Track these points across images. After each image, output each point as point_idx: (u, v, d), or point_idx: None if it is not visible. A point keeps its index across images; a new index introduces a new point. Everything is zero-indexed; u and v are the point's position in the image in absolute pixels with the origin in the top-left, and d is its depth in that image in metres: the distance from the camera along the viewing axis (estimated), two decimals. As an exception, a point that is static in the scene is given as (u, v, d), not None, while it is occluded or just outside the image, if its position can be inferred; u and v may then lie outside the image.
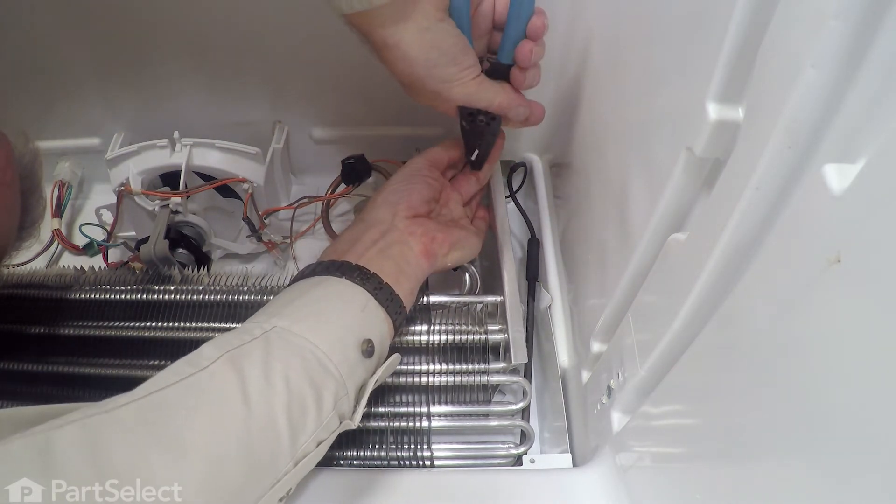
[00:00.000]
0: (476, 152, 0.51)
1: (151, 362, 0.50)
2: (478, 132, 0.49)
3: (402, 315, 0.43)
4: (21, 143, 0.43)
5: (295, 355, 0.35)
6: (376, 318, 0.40)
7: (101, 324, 0.51)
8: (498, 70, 0.45)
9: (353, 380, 0.37)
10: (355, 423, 0.37)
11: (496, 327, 0.48)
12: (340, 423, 0.36)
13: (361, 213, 0.48)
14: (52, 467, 0.26)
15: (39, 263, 0.63)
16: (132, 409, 0.30)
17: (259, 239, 0.60)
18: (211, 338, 0.50)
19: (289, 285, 0.42)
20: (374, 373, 0.39)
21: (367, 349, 0.38)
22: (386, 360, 0.41)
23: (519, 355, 0.46)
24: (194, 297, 0.51)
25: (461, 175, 0.53)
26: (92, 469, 0.26)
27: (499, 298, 0.49)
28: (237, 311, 0.51)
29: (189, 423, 0.30)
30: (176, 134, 0.56)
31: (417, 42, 0.40)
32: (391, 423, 0.45)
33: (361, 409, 0.37)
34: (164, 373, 0.32)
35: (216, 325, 0.50)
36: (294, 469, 0.33)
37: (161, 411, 0.30)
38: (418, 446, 0.45)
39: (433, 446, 0.45)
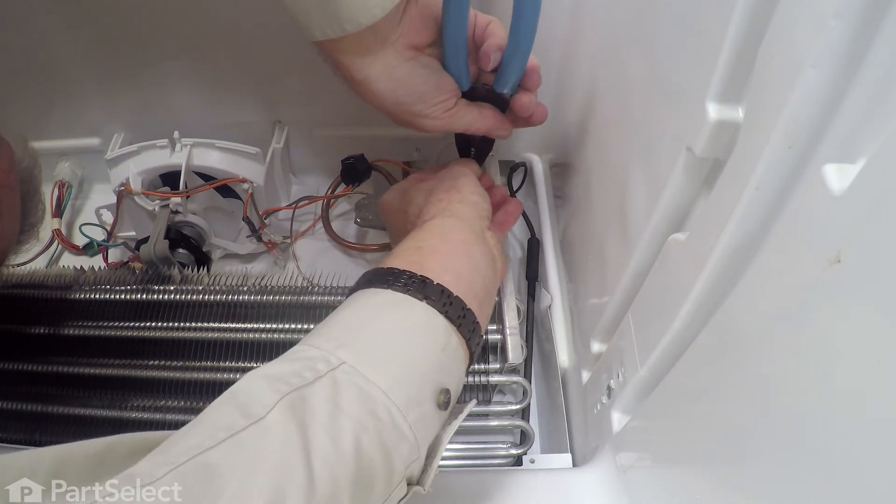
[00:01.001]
0: (472, 150, 0.51)
1: (151, 362, 0.50)
2: (468, 142, 0.49)
3: (479, 347, 0.36)
4: (20, 147, 0.42)
5: (368, 413, 0.28)
6: (456, 358, 0.34)
7: (101, 324, 0.51)
8: (493, 97, 0.44)
9: (426, 438, 0.31)
10: (426, 486, 0.31)
11: (494, 327, 0.48)
12: (409, 489, 0.31)
13: (428, 213, 0.41)
14: None
15: (39, 263, 0.64)
16: (173, 482, 0.23)
17: (259, 239, 0.60)
18: (212, 338, 0.51)
19: (356, 287, 0.36)
20: (448, 424, 0.33)
21: (445, 401, 0.32)
22: (462, 409, 0.35)
23: (514, 355, 0.46)
24: (194, 297, 0.51)
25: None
26: None
27: (497, 298, 0.49)
28: (237, 311, 0.51)
29: (246, 499, 0.24)
30: (176, 134, 0.56)
31: (385, 79, 0.39)
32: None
33: (433, 472, 0.31)
34: (209, 421, 0.26)
35: (216, 324, 0.50)
36: None
37: (207, 483, 0.24)
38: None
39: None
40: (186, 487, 0.23)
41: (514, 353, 0.46)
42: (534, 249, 0.57)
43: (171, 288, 0.52)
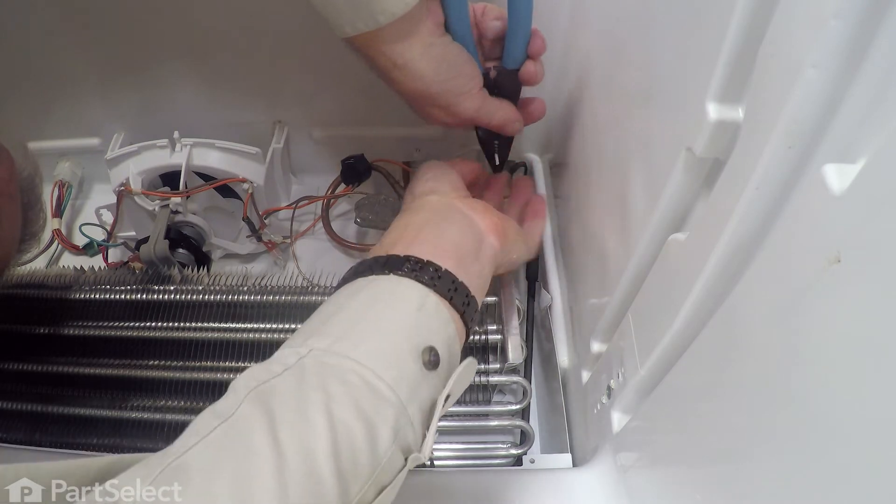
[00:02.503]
0: (497, 156, 0.51)
1: (151, 362, 0.50)
2: (494, 135, 0.50)
3: (471, 306, 0.35)
4: (20, 155, 0.42)
5: (337, 381, 0.27)
6: (438, 316, 0.32)
7: (101, 324, 0.51)
8: (504, 76, 0.45)
9: (417, 402, 0.29)
10: (425, 455, 0.29)
11: (495, 327, 0.48)
12: (406, 458, 0.29)
13: (405, 204, 0.44)
14: None
15: (39, 263, 0.63)
16: (162, 480, 0.24)
17: (259, 239, 0.60)
18: (212, 338, 0.51)
19: (336, 289, 0.36)
20: (444, 387, 0.31)
21: (431, 359, 0.30)
22: (459, 366, 0.33)
23: (515, 355, 0.46)
24: (194, 297, 0.51)
25: (488, 189, 0.53)
26: None
27: (495, 298, 0.49)
28: (237, 311, 0.51)
29: (206, 492, 0.23)
30: (176, 134, 0.56)
31: (426, 58, 0.39)
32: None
33: (433, 438, 0.30)
34: (192, 427, 0.26)
35: (216, 324, 0.50)
36: None
37: (180, 484, 0.24)
38: (418, 446, 0.45)
39: (433, 446, 0.45)
40: (161, 490, 0.23)
41: (514, 353, 0.46)
42: (534, 249, 0.57)
43: (171, 288, 0.52)
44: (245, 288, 0.52)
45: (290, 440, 0.25)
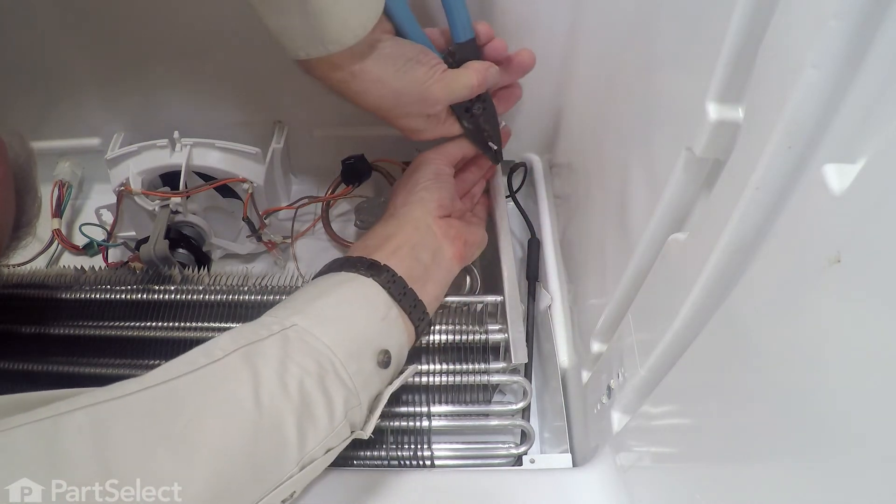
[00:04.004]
0: (490, 142, 0.51)
1: (151, 362, 0.50)
2: (481, 122, 0.49)
3: (424, 321, 0.42)
4: (17, 143, 0.43)
5: (312, 360, 0.34)
6: (396, 326, 0.40)
7: (101, 324, 0.51)
8: (463, 50, 0.46)
9: (367, 391, 0.37)
10: (367, 433, 0.37)
11: (496, 327, 0.48)
12: (352, 432, 0.36)
13: (391, 209, 0.47)
14: (57, 462, 0.26)
15: (39, 263, 0.63)
16: (142, 399, 0.29)
17: (259, 239, 0.60)
18: (212, 339, 0.50)
19: (315, 277, 0.42)
20: (389, 382, 0.39)
21: (384, 360, 0.37)
22: (403, 370, 0.40)
23: (519, 355, 0.46)
24: (194, 297, 0.51)
25: (462, 170, 0.54)
26: (97, 464, 0.26)
27: (499, 298, 0.49)
28: (237, 311, 0.51)
29: (198, 421, 0.30)
30: (176, 134, 0.56)
31: (379, 60, 0.41)
32: (391, 423, 0.45)
33: (374, 420, 0.37)
34: (178, 361, 0.32)
35: (216, 324, 0.50)
36: (300, 473, 0.32)
37: (170, 404, 0.30)
38: (418, 446, 0.45)
39: (433, 446, 0.45)
40: (155, 406, 0.29)
41: (519, 354, 0.46)
42: (534, 249, 0.57)
43: (172, 288, 0.52)
44: (245, 288, 0.52)
45: (268, 398, 0.32)
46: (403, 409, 0.46)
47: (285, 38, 0.39)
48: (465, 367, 0.47)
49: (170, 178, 0.58)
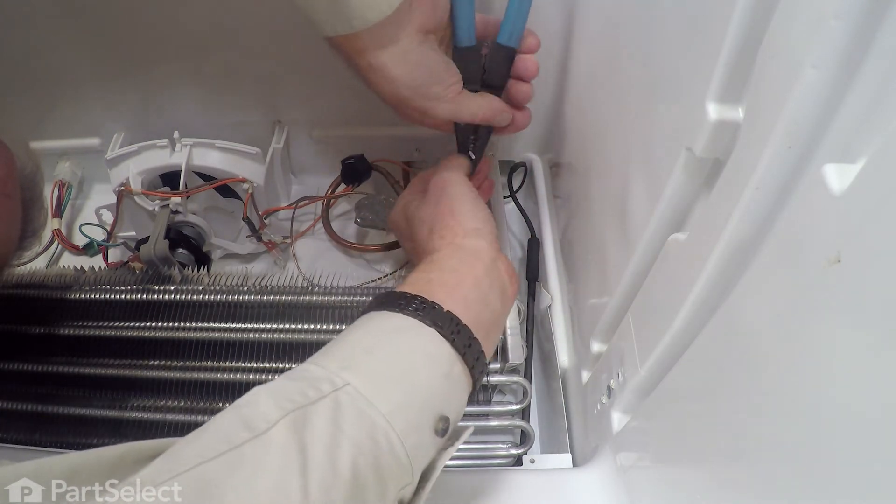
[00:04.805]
0: (472, 149, 0.50)
1: (151, 362, 0.50)
2: (472, 128, 0.49)
3: (482, 376, 0.36)
4: (22, 153, 0.42)
5: (367, 437, 0.29)
6: (459, 387, 0.34)
7: (101, 324, 0.51)
8: (498, 53, 0.45)
9: (421, 463, 0.32)
10: None
11: (496, 327, 0.48)
12: None
13: (460, 238, 0.40)
14: None
15: (39, 263, 0.63)
16: (179, 489, 0.24)
17: (259, 239, 0.60)
18: (212, 338, 0.50)
19: (368, 310, 0.36)
20: (444, 449, 0.33)
21: (443, 428, 0.32)
22: (459, 430, 0.35)
23: (514, 355, 0.46)
24: (194, 297, 0.51)
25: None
26: None
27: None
28: (237, 311, 0.51)
29: None
30: (176, 134, 0.56)
31: (401, 63, 0.40)
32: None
33: (425, 496, 0.32)
34: (212, 433, 0.27)
35: (216, 324, 0.50)
36: None
37: (207, 496, 0.25)
38: (418, 446, 0.44)
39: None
40: (185, 496, 0.24)
41: (515, 354, 0.46)
42: (534, 249, 0.57)
43: (171, 288, 0.52)
44: (245, 288, 0.52)
45: (317, 484, 0.26)
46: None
47: (312, 12, 0.38)
48: (465, 367, 0.47)
49: (170, 178, 0.58)
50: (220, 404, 0.49)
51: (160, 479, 0.24)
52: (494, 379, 0.47)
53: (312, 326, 0.50)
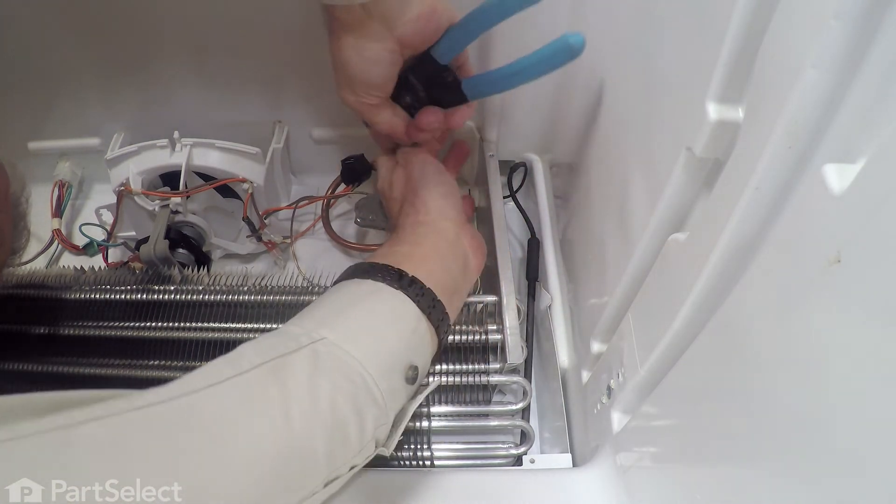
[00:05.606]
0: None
1: (151, 362, 0.50)
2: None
3: (447, 334, 0.42)
4: (11, 172, 0.42)
5: (344, 377, 0.33)
6: (424, 341, 0.39)
7: (101, 324, 0.51)
8: (440, 73, 0.45)
9: (394, 406, 0.35)
10: (389, 449, 0.36)
11: (495, 327, 0.48)
12: (375, 449, 0.35)
13: (423, 215, 0.45)
14: (69, 476, 0.24)
15: (39, 263, 0.64)
16: (164, 411, 0.27)
17: (259, 239, 0.60)
18: (212, 338, 0.50)
19: (340, 279, 0.40)
20: (412, 397, 0.38)
21: (412, 375, 0.36)
22: (425, 383, 0.40)
23: (514, 355, 0.46)
24: (194, 297, 0.51)
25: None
26: (112, 480, 0.24)
27: (497, 298, 0.49)
28: (237, 311, 0.51)
29: (226, 436, 0.28)
30: (176, 134, 0.56)
31: (356, 52, 0.41)
32: (391, 423, 0.45)
33: (397, 437, 0.36)
34: (200, 372, 0.30)
35: (216, 324, 0.50)
36: (322, 490, 0.32)
37: (195, 417, 0.28)
38: (418, 446, 0.45)
39: (433, 446, 0.45)
40: (177, 419, 0.27)
41: (514, 354, 0.46)
42: (534, 249, 0.57)
43: (171, 288, 0.52)
44: (245, 288, 0.52)
45: (299, 417, 0.30)
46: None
47: None
48: (464, 367, 0.47)
49: (170, 178, 0.58)
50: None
51: (149, 400, 0.27)
52: (494, 379, 0.47)
53: (312, 326, 0.50)
